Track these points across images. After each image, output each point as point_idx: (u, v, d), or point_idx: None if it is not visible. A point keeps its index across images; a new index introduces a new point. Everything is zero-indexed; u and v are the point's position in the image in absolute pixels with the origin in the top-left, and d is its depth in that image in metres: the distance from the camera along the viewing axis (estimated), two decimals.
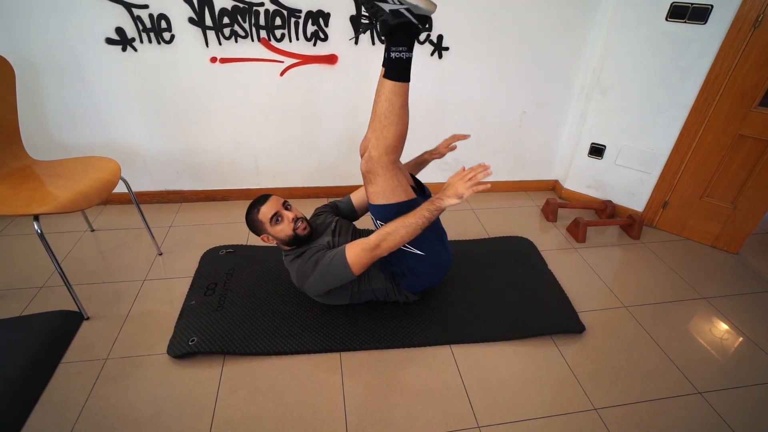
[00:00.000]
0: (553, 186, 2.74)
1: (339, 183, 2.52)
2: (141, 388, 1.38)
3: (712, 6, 1.81)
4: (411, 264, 1.52)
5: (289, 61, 2.07)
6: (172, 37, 1.93)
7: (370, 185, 1.37)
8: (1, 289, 1.75)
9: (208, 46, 1.97)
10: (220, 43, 1.97)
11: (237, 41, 1.98)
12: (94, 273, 1.86)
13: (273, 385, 1.40)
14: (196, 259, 1.95)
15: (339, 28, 2.00)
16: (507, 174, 2.65)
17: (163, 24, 1.89)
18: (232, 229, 2.18)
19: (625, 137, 2.26)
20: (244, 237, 2.11)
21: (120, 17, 1.85)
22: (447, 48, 2.13)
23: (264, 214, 1.49)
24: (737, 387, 1.47)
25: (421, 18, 1.19)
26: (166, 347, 1.50)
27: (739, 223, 2.08)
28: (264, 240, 1.54)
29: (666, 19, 1.92)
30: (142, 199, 2.37)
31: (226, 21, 1.92)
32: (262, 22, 1.94)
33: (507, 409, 1.36)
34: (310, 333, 1.57)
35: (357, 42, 1.29)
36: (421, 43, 2.09)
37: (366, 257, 1.37)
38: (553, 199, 2.42)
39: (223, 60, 2.02)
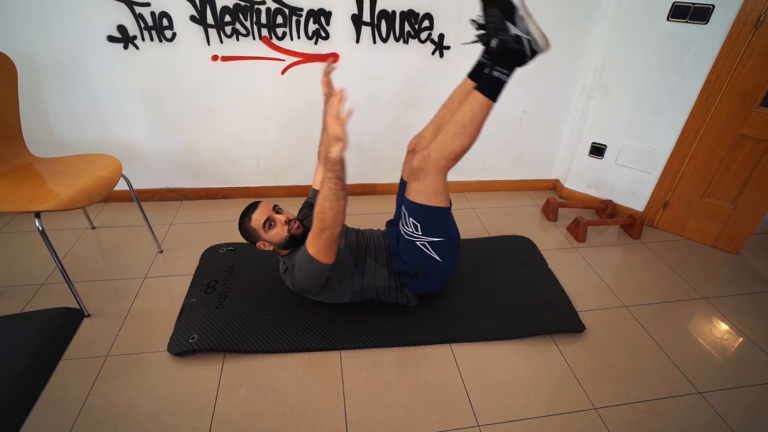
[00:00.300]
0: (554, 185, 2.74)
1: None
2: (141, 385, 1.38)
3: (713, 6, 1.81)
4: (426, 267, 1.53)
5: (291, 60, 2.07)
6: (173, 35, 1.93)
7: (416, 182, 1.36)
8: (2, 286, 1.75)
9: (209, 44, 1.97)
10: (221, 42, 1.97)
11: (238, 39, 1.98)
12: (94, 270, 1.86)
13: (273, 383, 1.41)
14: (196, 257, 1.95)
15: (340, 26, 2.00)
16: (507, 173, 2.65)
17: (165, 22, 1.89)
18: (232, 227, 2.18)
19: (626, 137, 2.26)
20: None
21: (122, 15, 1.85)
22: (448, 47, 2.13)
23: (256, 221, 1.49)
24: (737, 387, 1.47)
25: (533, 52, 1.24)
26: (166, 345, 1.51)
27: (740, 223, 2.08)
28: (261, 247, 1.53)
29: (667, 19, 1.92)
30: (142, 197, 2.37)
31: (227, 19, 1.92)
32: (263, 20, 1.94)
33: (507, 408, 1.36)
34: (310, 331, 1.57)
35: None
36: (423, 42, 2.09)
37: (320, 243, 1.34)
38: (554, 199, 2.42)
39: (225, 58, 2.02)
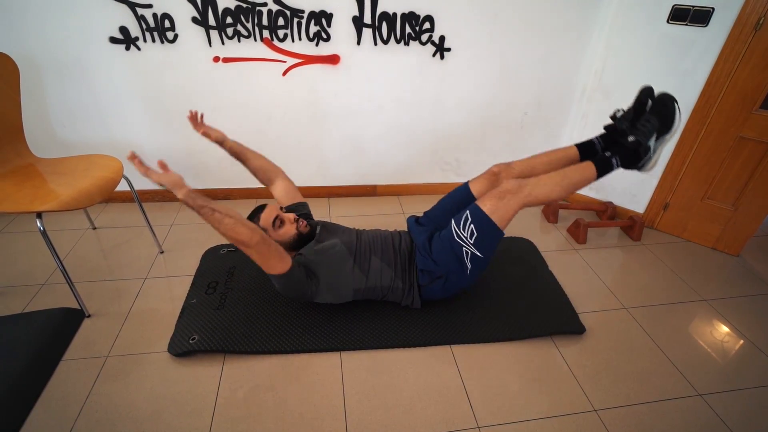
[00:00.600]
0: None
1: (340, 183, 2.53)
2: (142, 386, 1.38)
3: (713, 9, 1.81)
4: (453, 273, 1.53)
5: (292, 61, 2.07)
6: (175, 37, 1.94)
7: (497, 200, 1.43)
8: (3, 286, 1.76)
9: (211, 45, 1.98)
10: (223, 43, 1.98)
11: (240, 41, 1.98)
12: (95, 271, 1.87)
13: (273, 384, 1.41)
14: (197, 258, 1.95)
15: (341, 28, 2.01)
16: None
17: (167, 23, 1.90)
18: None
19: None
20: None
21: (124, 16, 1.86)
22: (449, 49, 2.13)
23: (265, 219, 1.51)
24: (737, 389, 1.47)
25: (641, 166, 1.48)
26: (166, 345, 1.51)
27: (740, 226, 2.08)
28: None
29: (667, 22, 1.93)
30: (144, 198, 2.38)
31: (229, 21, 1.92)
32: (265, 22, 1.95)
33: (507, 410, 1.36)
34: (310, 332, 1.57)
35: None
36: (423, 44, 2.10)
37: (259, 259, 1.33)
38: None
39: (226, 59, 2.02)
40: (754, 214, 2.03)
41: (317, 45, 2.04)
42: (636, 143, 1.41)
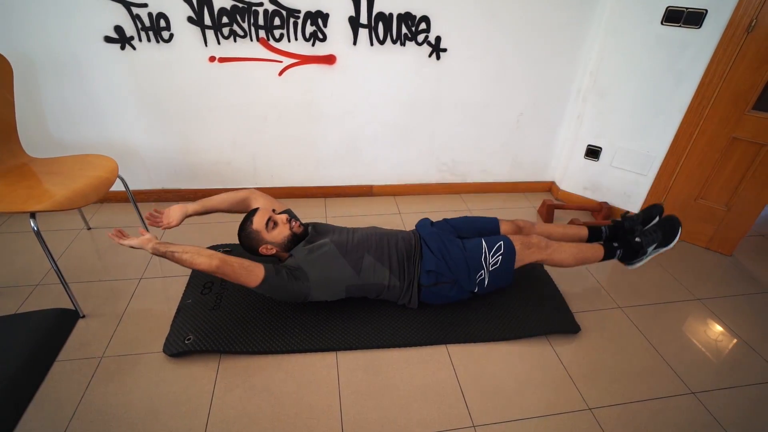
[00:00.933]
0: (550, 187, 2.75)
1: (337, 183, 2.53)
2: (137, 386, 1.38)
3: (706, 10, 1.83)
4: (460, 284, 1.59)
5: (288, 61, 2.07)
6: (171, 36, 1.93)
7: (524, 249, 1.61)
8: None
9: (207, 45, 1.97)
10: (219, 43, 1.98)
11: (236, 41, 1.98)
12: (90, 271, 1.86)
13: (269, 384, 1.41)
14: None
15: (338, 28, 2.01)
16: (504, 175, 2.66)
17: (162, 23, 1.89)
18: (229, 228, 2.18)
19: (621, 139, 2.28)
20: None
21: (119, 16, 1.85)
22: (445, 49, 2.14)
23: (258, 222, 1.53)
24: (730, 387, 1.48)
25: (635, 262, 1.74)
26: (162, 346, 1.50)
27: (733, 225, 2.10)
28: (263, 252, 1.55)
29: (661, 23, 1.94)
30: (139, 198, 2.37)
31: (225, 20, 1.92)
32: (261, 21, 1.95)
33: (502, 409, 1.37)
34: (306, 332, 1.57)
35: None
36: (419, 45, 2.10)
37: (237, 279, 1.42)
38: (550, 201, 2.43)
39: (222, 59, 2.02)
40: (746, 214, 2.04)
41: (313, 45, 2.04)
42: (639, 245, 1.68)
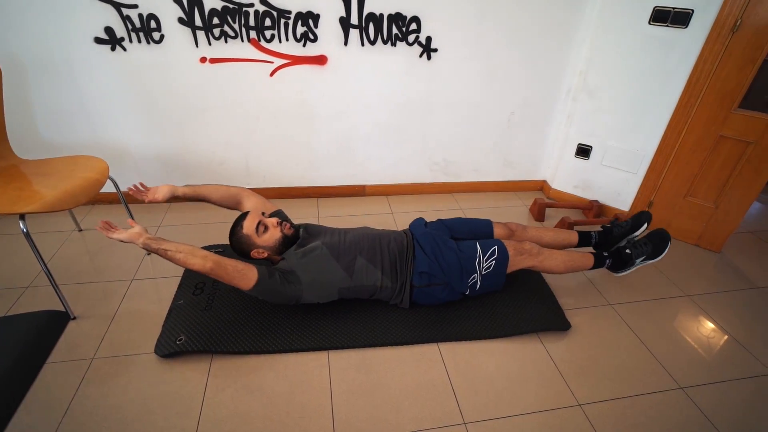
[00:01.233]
0: (541, 186, 2.77)
1: (329, 183, 2.53)
2: (128, 387, 1.38)
3: (692, 10, 1.85)
4: (452, 287, 1.61)
5: (279, 62, 2.08)
6: (161, 37, 1.93)
7: (517, 253, 1.64)
8: None
9: (197, 46, 1.97)
10: (209, 44, 1.98)
11: (227, 41, 1.98)
12: (81, 273, 1.85)
13: (261, 384, 1.41)
14: None
15: (328, 29, 2.01)
16: (495, 174, 2.68)
17: (153, 24, 1.89)
18: (221, 229, 2.18)
19: (611, 138, 2.30)
20: None
21: (109, 17, 1.85)
22: (435, 50, 2.15)
23: (248, 227, 1.52)
24: (718, 382, 1.50)
25: (622, 271, 1.81)
26: (153, 347, 1.50)
27: (721, 223, 2.13)
28: (255, 256, 1.54)
29: (649, 23, 1.97)
30: (131, 199, 2.36)
31: (215, 21, 1.92)
32: (251, 22, 1.95)
33: (493, 406, 1.38)
34: (297, 332, 1.58)
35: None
36: (410, 45, 2.11)
37: (229, 281, 1.40)
38: (541, 199, 2.45)
39: (213, 60, 2.02)
40: (734, 211, 2.07)
41: (304, 46, 2.05)
42: (629, 257, 1.74)
